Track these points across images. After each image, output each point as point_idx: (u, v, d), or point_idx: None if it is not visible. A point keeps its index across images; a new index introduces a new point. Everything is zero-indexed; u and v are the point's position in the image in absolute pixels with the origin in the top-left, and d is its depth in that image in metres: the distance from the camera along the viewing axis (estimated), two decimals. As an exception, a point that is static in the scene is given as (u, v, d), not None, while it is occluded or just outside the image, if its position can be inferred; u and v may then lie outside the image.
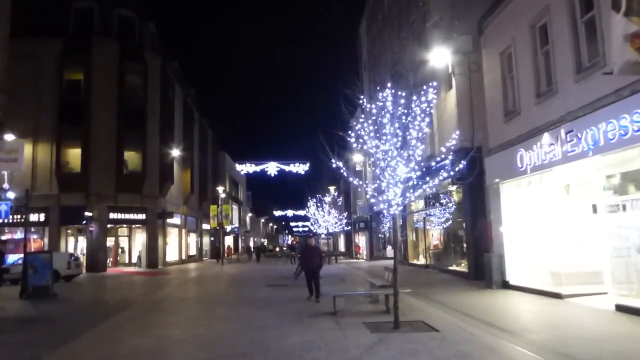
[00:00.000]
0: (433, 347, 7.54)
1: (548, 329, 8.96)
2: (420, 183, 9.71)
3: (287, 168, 43.57)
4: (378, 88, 9.99)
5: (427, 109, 9.50)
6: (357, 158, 37.56)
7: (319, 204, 40.84)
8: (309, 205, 42.69)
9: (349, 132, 9.89)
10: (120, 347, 8.17)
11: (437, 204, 22.17)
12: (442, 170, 10.40)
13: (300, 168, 44.04)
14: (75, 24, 32.80)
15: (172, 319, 11.03)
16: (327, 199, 42.76)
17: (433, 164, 11.12)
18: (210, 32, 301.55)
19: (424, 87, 9.71)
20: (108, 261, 33.20)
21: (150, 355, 7.66)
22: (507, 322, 9.56)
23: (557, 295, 12.20)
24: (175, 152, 37.35)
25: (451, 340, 7.97)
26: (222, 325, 9.97)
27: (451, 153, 10.38)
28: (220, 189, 48.26)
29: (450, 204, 20.79)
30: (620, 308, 10.13)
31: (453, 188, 19.95)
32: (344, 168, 10.10)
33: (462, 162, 10.45)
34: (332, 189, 47.76)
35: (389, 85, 9.55)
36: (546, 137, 12.34)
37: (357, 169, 37.36)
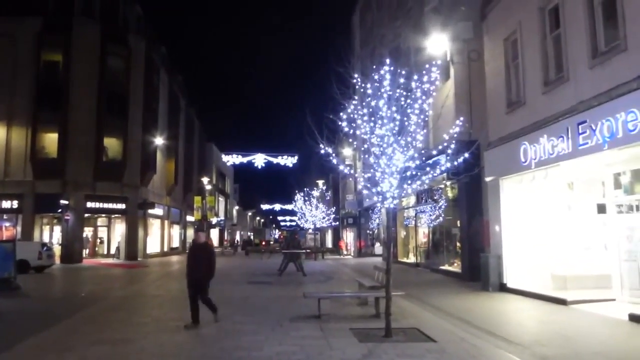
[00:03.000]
0: (432, 363, 6.48)
1: (560, 341, 7.93)
2: (419, 174, 8.62)
3: (275, 160, 42.32)
4: (374, 67, 8.88)
5: (429, 90, 8.41)
6: (347, 152, 36.51)
7: (306, 198, 39.72)
8: (296, 199, 41.53)
9: (341, 113, 8.78)
10: (64, 358, 6.98)
11: (430, 200, 21.18)
12: (437, 165, 9.37)
13: (288, 160, 42.81)
14: (55, 3, 31.30)
15: (137, 320, 9.86)
16: (315, 193, 41.63)
17: (434, 152, 10.06)
18: (198, 18, 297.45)
19: (426, 66, 8.63)
20: (85, 252, 31.90)
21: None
22: (512, 332, 8.53)
23: (561, 301, 11.21)
24: (159, 141, 36.01)
25: (452, 353, 6.91)
26: (192, 329, 8.82)
27: (452, 144, 9.28)
28: (205, 180, 46.91)
29: (443, 201, 19.80)
30: (634, 318, 9.16)
31: (447, 183, 18.95)
32: (333, 154, 8.98)
33: (466, 154, 9.39)
34: (320, 182, 46.65)
35: (387, 61, 8.44)
36: (554, 129, 11.32)
37: (347, 162, 36.24)
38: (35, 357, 7.09)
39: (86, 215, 31.34)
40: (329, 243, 56.15)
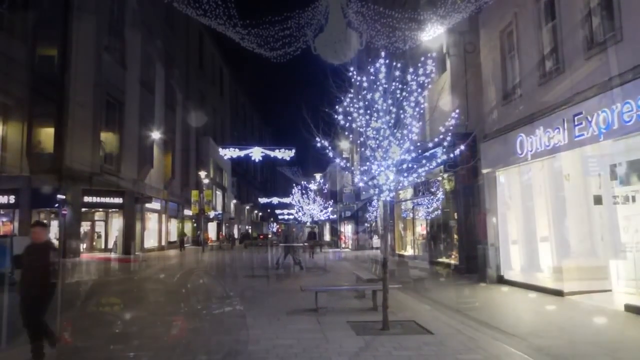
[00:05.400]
0: (429, 355, 6.51)
1: (556, 332, 7.97)
2: (415, 167, 8.61)
3: (272, 154, 42.17)
4: (370, 59, 8.85)
5: (425, 82, 8.38)
6: (344, 145, 36.49)
7: (304, 192, 39.71)
8: (293, 192, 41.51)
9: (337, 107, 8.76)
10: (59, 352, 6.95)
11: (427, 193, 21.17)
12: (434, 157, 9.37)
13: (285, 154, 42.62)
14: (50, -4, 30.95)
15: (133, 314, 9.83)
16: (313, 186, 41.58)
17: (430, 145, 10.07)
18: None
19: (422, 59, 8.60)
20: (83, 246, 31.84)
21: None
22: (508, 324, 8.56)
23: (558, 292, 11.26)
24: (156, 135, 35.85)
25: (449, 345, 6.94)
26: (187, 322, 8.80)
27: (448, 136, 9.27)
28: (202, 173, 46.80)
29: (440, 193, 19.80)
30: (630, 308, 9.23)
31: (444, 176, 18.95)
32: (329, 148, 8.97)
33: (462, 146, 9.39)
34: (318, 176, 46.60)
35: (382, 54, 8.42)
36: (551, 121, 11.30)
37: (344, 155, 36.25)
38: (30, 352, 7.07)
39: (83, 209, 31.24)
40: (327, 236, 56.20)
